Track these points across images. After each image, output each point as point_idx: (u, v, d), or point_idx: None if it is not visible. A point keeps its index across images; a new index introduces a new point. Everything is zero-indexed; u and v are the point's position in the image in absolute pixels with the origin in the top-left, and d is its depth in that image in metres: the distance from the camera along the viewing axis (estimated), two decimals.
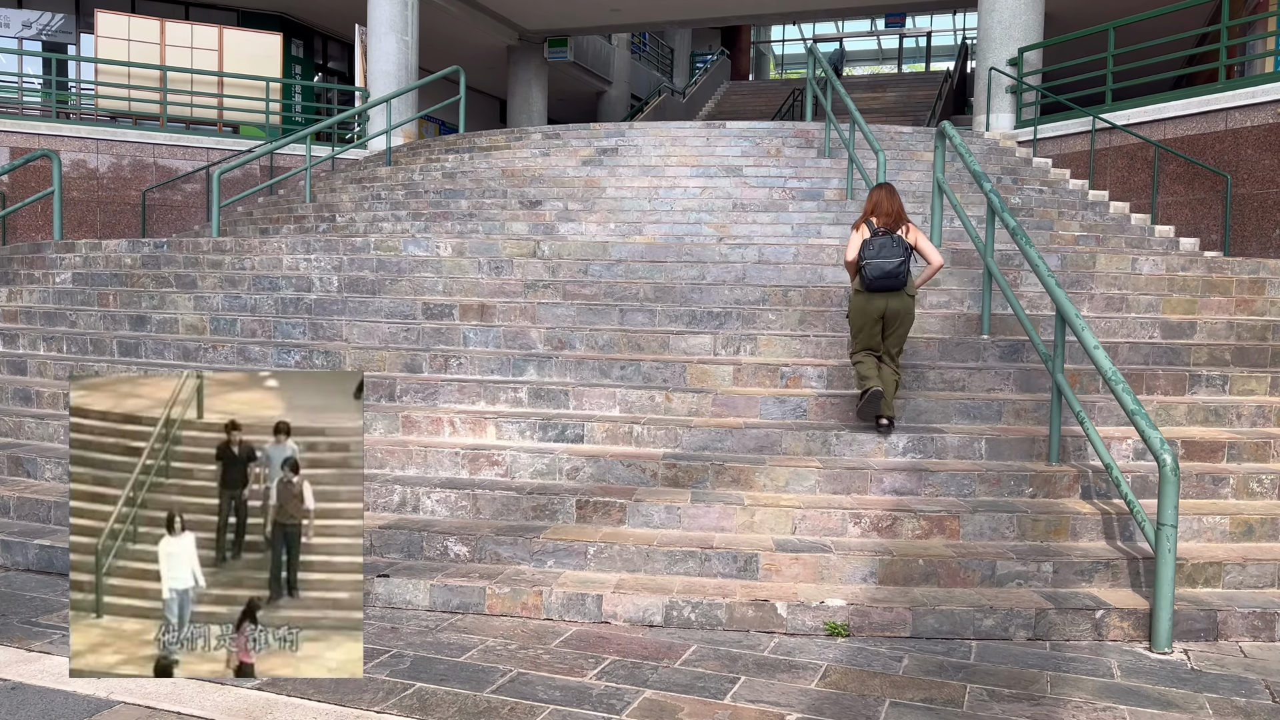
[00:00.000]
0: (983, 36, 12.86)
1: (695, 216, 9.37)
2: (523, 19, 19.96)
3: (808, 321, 6.38)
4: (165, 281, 7.73)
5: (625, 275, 7.00)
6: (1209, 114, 9.88)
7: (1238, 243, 9.56)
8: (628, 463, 5.10)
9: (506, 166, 11.36)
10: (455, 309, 6.69)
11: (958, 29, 35.79)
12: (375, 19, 16.12)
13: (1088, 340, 4.74)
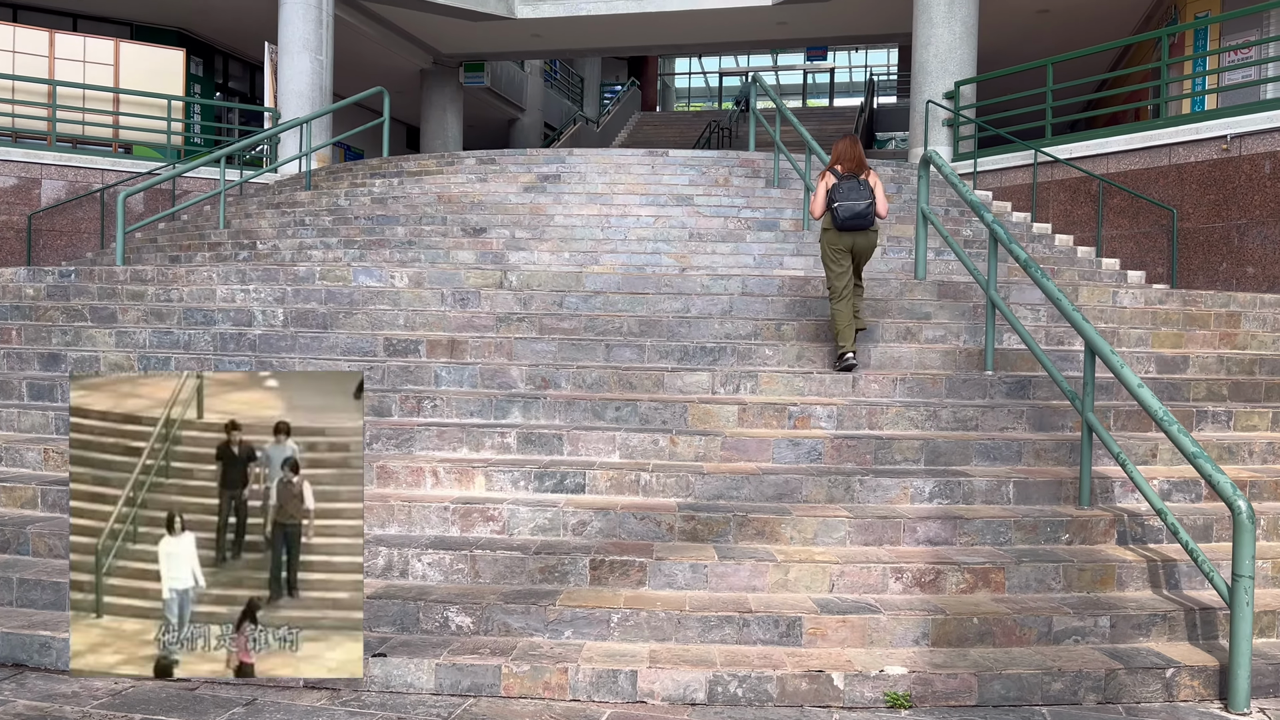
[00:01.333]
0: (918, 70, 12.92)
1: (653, 246, 8.98)
2: (439, 42, 19.36)
3: (806, 357, 6.02)
4: (78, 315, 6.88)
5: (604, 308, 6.53)
6: (1152, 149, 10.03)
7: (1184, 276, 9.69)
8: (641, 515, 4.61)
9: (442, 192, 10.77)
10: (421, 345, 6.09)
11: (864, 65, 36.67)
12: (287, 37, 15.30)
13: (1129, 378, 4.50)
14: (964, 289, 6.95)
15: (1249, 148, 9.17)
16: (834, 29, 17.68)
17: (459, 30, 18.33)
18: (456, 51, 20.01)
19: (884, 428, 5.47)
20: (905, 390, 5.77)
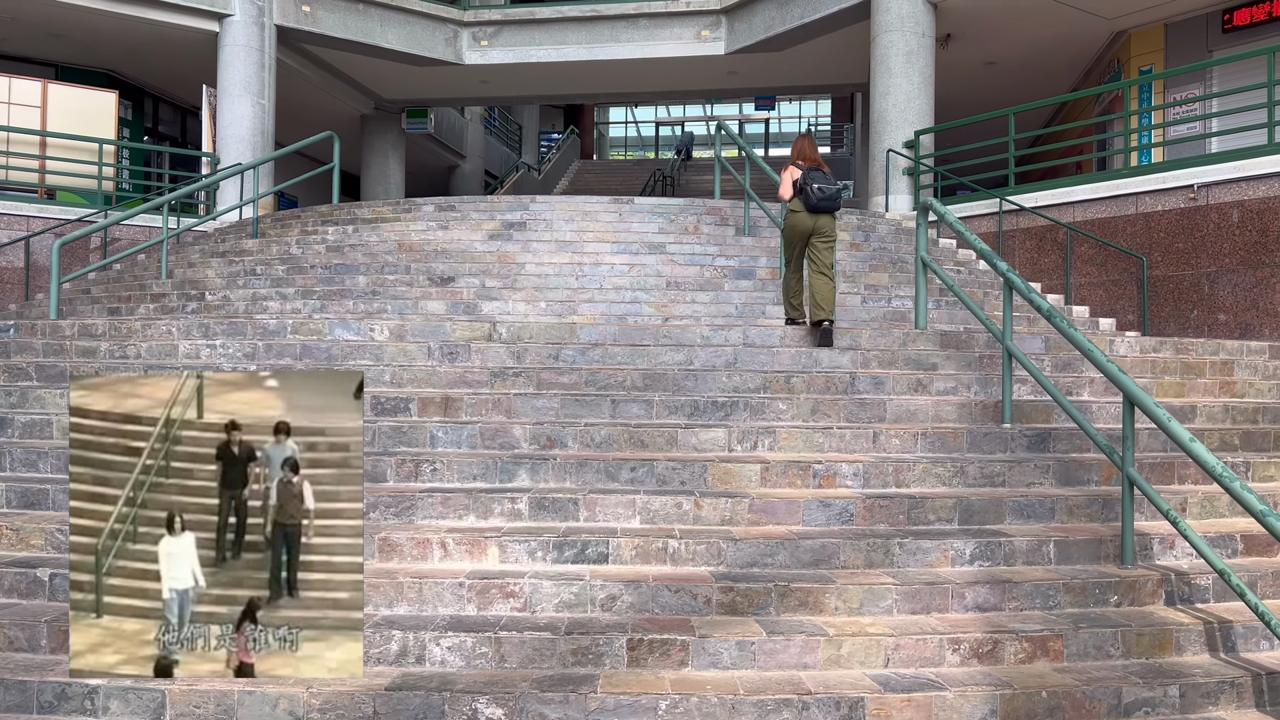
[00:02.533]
0: (877, 119, 12.99)
1: (631, 295, 8.71)
2: (382, 88, 18.99)
3: (821, 411, 5.76)
4: (22, 374, 6.29)
5: (604, 360, 6.19)
6: (1119, 198, 10.16)
7: (1156, 324, 9.76)
8: (674, 588, 4.25)
9: (402, 240, 10.35)
10: (412, 403, 5.67)
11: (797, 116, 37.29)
12: (228, 80, 14.79)
13: (1179, 433, 4.33)
14: (966, 339, 6.80)
15: (1216, 197, 9.33)
16: (785, 79, 17.82)
17: (403, 76, 17.99)
18: (399, 97, 19.65)
19: (912, 485, 5.22)
20: (927, 445, 5.54)
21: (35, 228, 13.22)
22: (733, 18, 16.18)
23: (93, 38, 15.35)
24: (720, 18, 16.34)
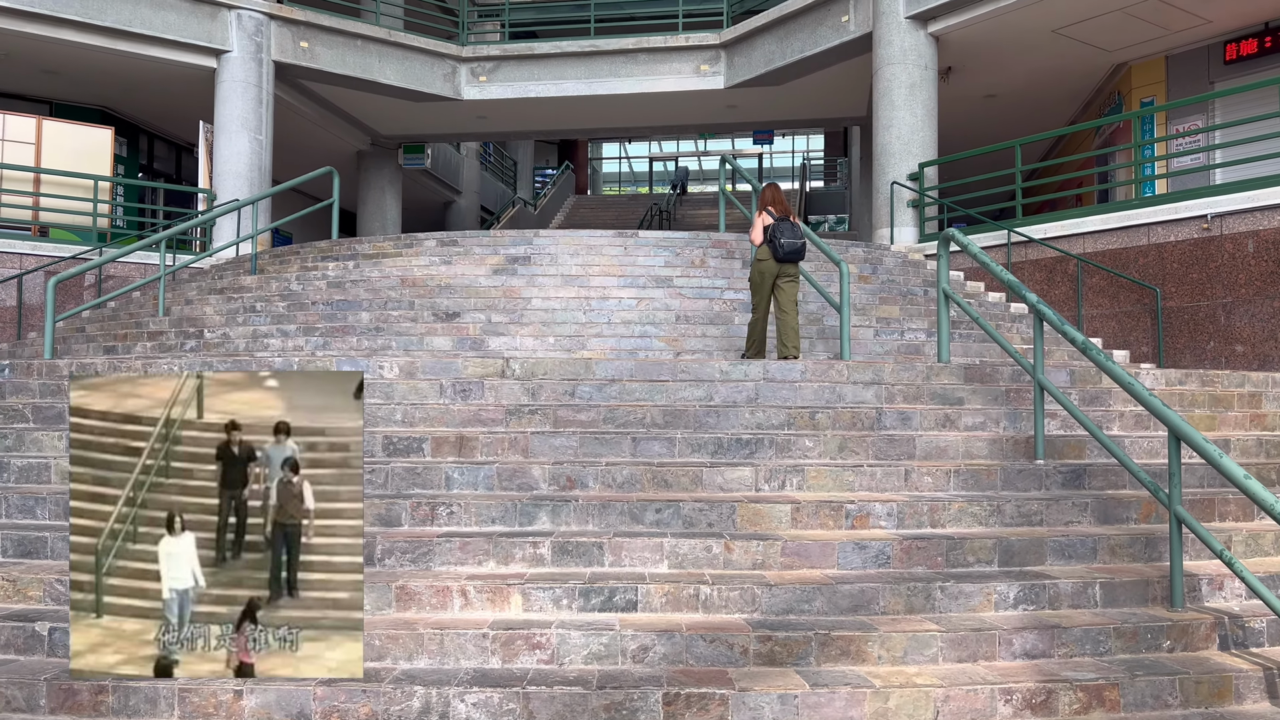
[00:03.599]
0: (880, 152, 12.93)
1: (640, 329, 8.55)
2: (379, 124, 18.92)
3: (849, 449, 5.57)
4: (18, 415, 6.07)
5: (621, 397, 6.01)
6: (1130, 229, 10.06)
7: (1171, 355, 9.63)
8: (709, 637, 4.03)
9: (405, 275, 10.19)
10: (426, 443, 5.47)
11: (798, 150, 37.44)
12: (225, 116, 14.69)
13: (1233, 470, 4.16)
14: (990, 372, 6.64)
15: (1230, 227, 9.24)
16: (784, 113, 17.82)
17: (401, 111, 17.93)
18: (397, 133, 19.58)
19: (948, 525, 5.03)
20: (960, 483, 5.36)
21: (28, 265, 13.02)
22: (732, 52, 16.19)
23: (89, 74, 15.26)
24: (720, 52, 16.35)
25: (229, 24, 14.51)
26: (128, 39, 13.92)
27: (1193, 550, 5.01)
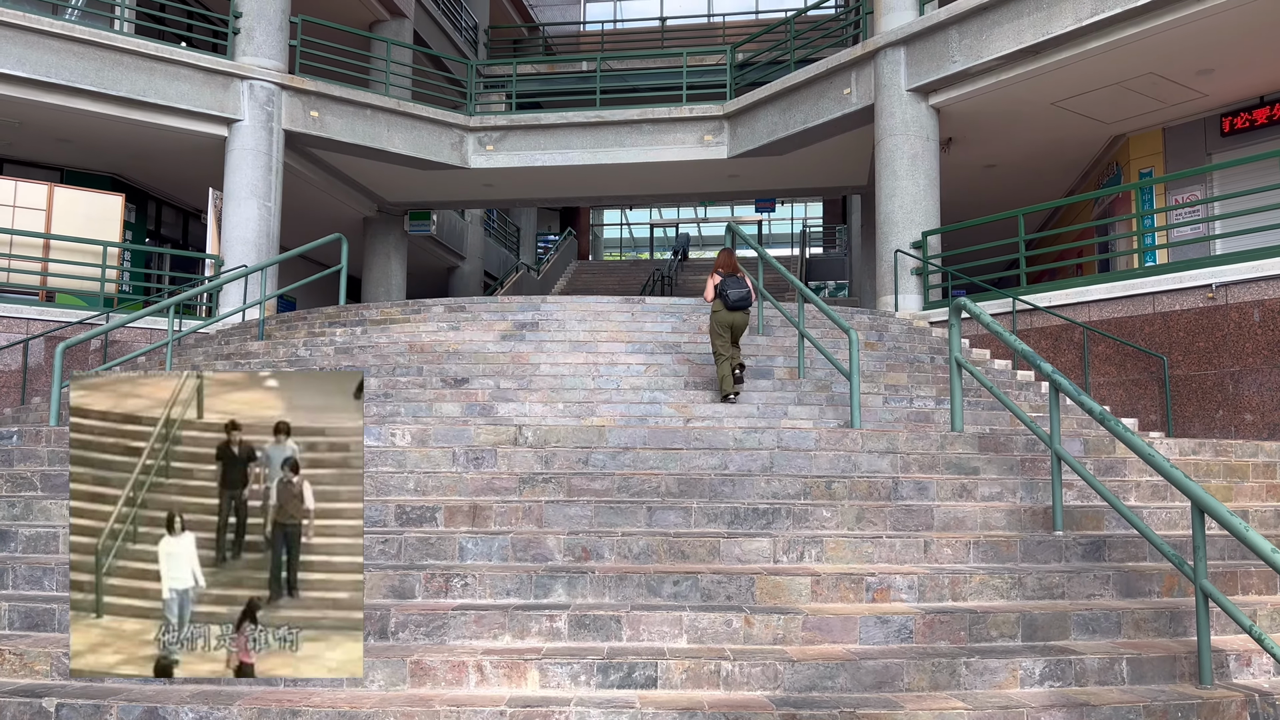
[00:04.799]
0: (884, 220, 13.06)
1: (649, 395, 8.53)
2: (386, 191, 19.13)
3: (866, 519, 5.52)
4: (26, 483, 6.02)
5: (635, 465, 5.97)
6: (1135, 297, 10.12)
7: (1181, 424, 9.61)
8: (733, 716, 3.94)
9: (413, 341, 10.20)
10: (439, 512, 5.41)
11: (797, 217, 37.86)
12: (235, 183, 14.85)
13: (1259, 544, 4.12)
14: (1004, 441, 6.62)
15: (1235, 296, 9.29)
16: (786, 182, 18.04)
17: (408, 179, 18.15)
18: (403, 200, 19.80)
19: (969, 598, 4.95)
20: (980, 555, 5.29)
21: (35, 330, 13.03)
22: (735, 123, 16.45)
23: (101, 142, 15.45)
24: (723, 123, 16.61)
25: (241, 94, 14.76)
26: (141, 108, 14.13)
27: (1217, 624, 4.94)
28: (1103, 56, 11.18)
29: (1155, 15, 10.43)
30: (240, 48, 14.82)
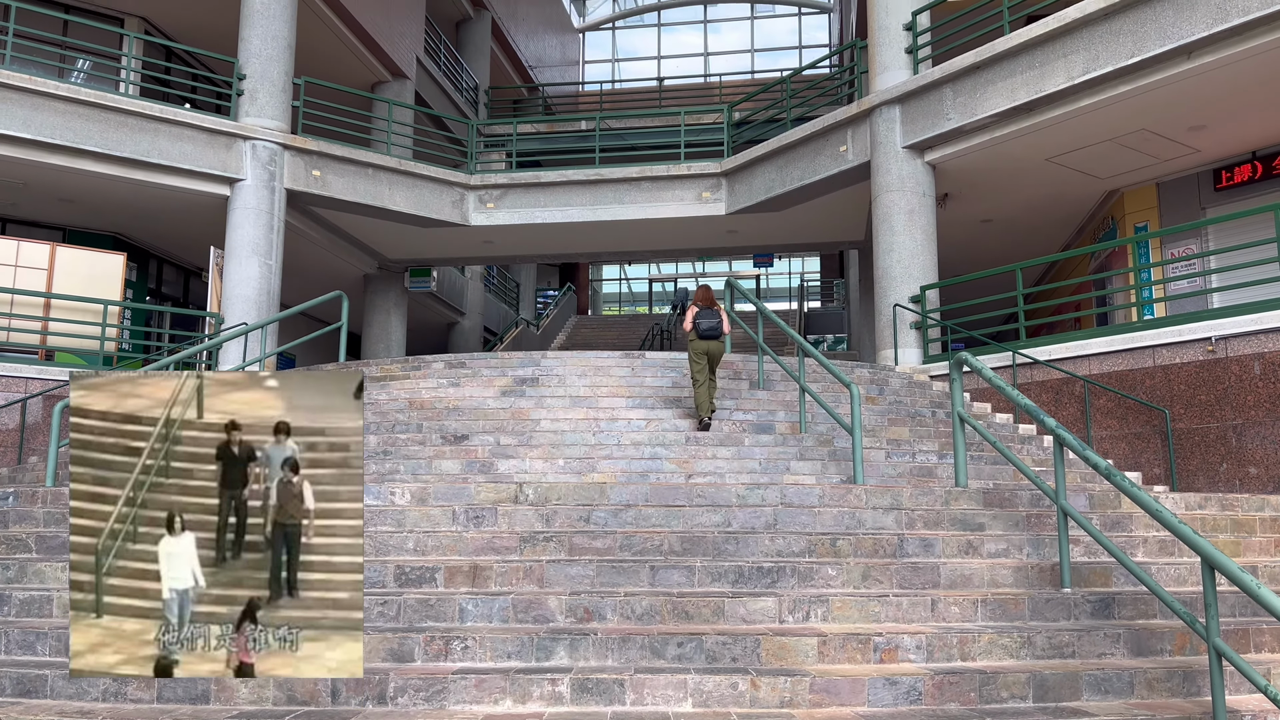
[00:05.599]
0: (882, 275, 13.13)
1: (650, 451, 8.48)
2: (386, 248, 19.25)
3: (872, 577, 5.45)
4: (20, 545, 5.94)
5: (637, 523, 5.91)
6: (1135, 351, 10.13)
7: (1185, 478, 9.55)
8: None
9: (413, 398, 10.17)
10: (439, 573, 5.35)
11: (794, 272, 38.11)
12: (236, 241, 14.93)
13: (1273, 602, 4.06)
14: (1008, 496, 6.57)
15: (1235, 349, 9.30)
16: (783, 237, 18.17)
17: (409, 236, 18.27)
18: (404, 257, 19.91)
19: (978, 658, 4.87)
20: (988, 613, 5.22)
21: (33, 389, 13.00)
22: (733, 180, 16.62)
23: (103, 202, 15.58)
24: (721, 180, 16.78)
25: (244, 154, 14.92)
26: (144, 169, 14.26)
27: (1231, 684, 4.84)
28: (1095, 113, 11.33)
29: (1145, 74, 10.59)
30: (244, 109, 15.01)
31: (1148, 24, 10.37)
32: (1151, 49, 10.31)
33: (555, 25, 34.69)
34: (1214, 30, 9.79)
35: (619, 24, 41.72)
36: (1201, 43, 9.99)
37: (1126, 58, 10.53)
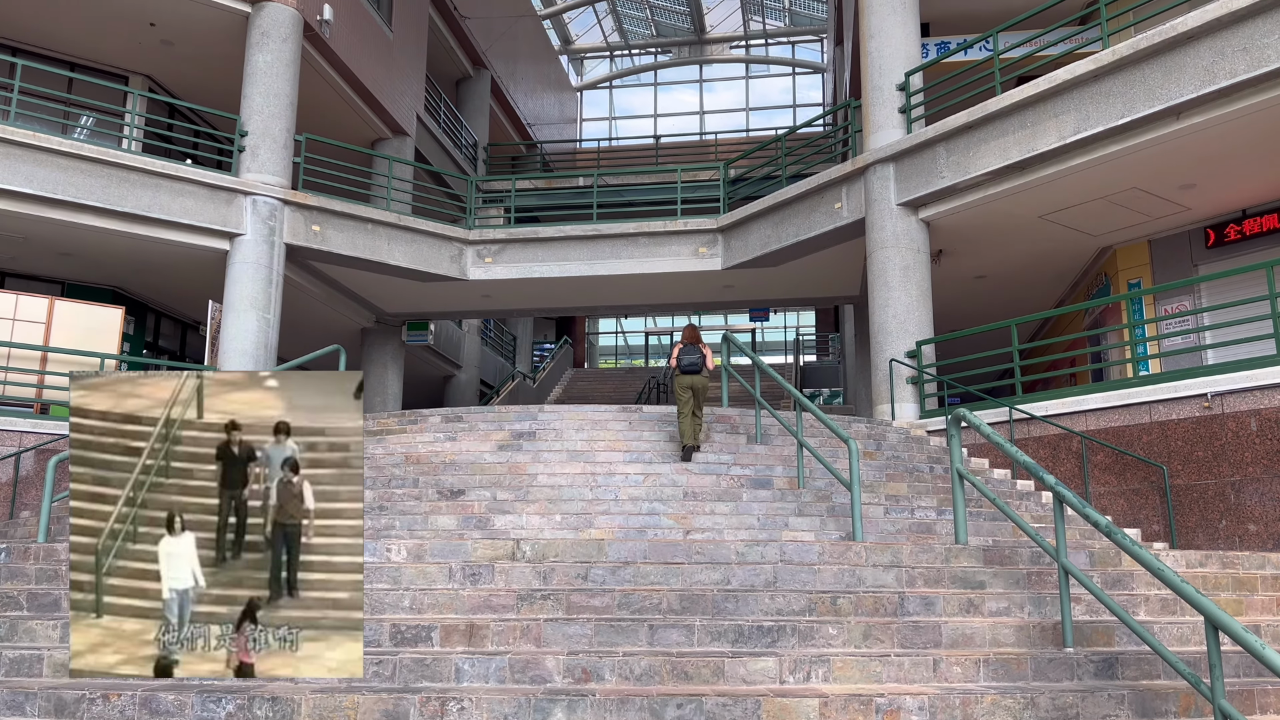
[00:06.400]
0: (878, 330, 13.19)
1: (648, 506, 8.45)
2: (384, 302, 19.33)
3: (874, 636, 5.40)
4: (11, 602, 5.88)
5: (635, 580, 5.86)
6: (1132, 407, 10.15)
7: (1184, 534, 9.52)
8: None
9: (409, 452, 10.14)
10: (435, 632, 5.29)
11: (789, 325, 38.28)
12: (235, 295, 14.99)
13: (1277, 662, 4.02)
14: (1009, 553, 6.53)
15: (1231, 405, 9.32)
16: (779, 292, 18.28)
17: (407, 290, 18.36)
18: (402, 311, 19.98)
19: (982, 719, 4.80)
20: (990, 673, 5.16)
21: (27, 442, 12.94)
22: (729, 235, 16.77)
23: (102, 256, 15.66)
24: (717, 236, 16.93)
25: (244, 209, 15.03)
26: (146, 223, 14.35)
27: None
28: (1087, 172, 11.49)
29: (1135, 134, 10.76)
30: (245, 164, 15.17)
31: (1136, 86, 10.56)
32: (1141, 110, 10.49)
33: (554, 84, 35.25)
34: (1202, 92, 9.97)
35: (616, 83, 42.44)
36: (1190, 104, 10.17)
37: (1116, 118, 10.71)
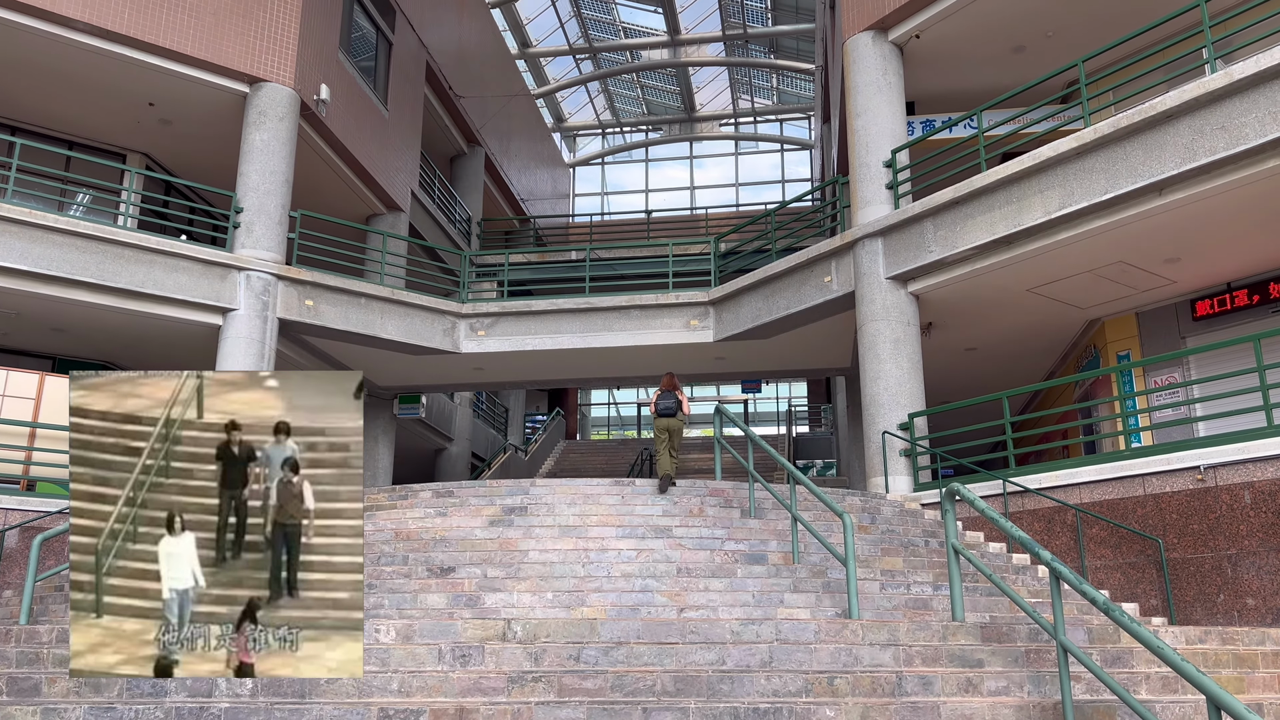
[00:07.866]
0: (870, 403, 13.21)
1: (641, 583, 8.34)
2: (376, 375, 19.32)
3: (871, 717, 5.29)
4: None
5: (629, 661, 5.75)
6: (1126, 479, 10.13)
7: (1182, 609, 9.42)
8: None
9: (399, 528, 10.03)
10: (424, 715, 5.17)
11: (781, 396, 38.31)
12: (227, 369, 14.95)
13: None
14: (1006, 630, 6.44)
15: (1225, 478, 9.31)
16: (770, 364, 18.35)
17: (399, 364, 18.37)
18: (393, 384, 19.97)
19: None
20: None
21: (12, 520, 12.77)
22: (720, 308, 16.88)
23: (94, 331, 15.67)
24: (709, 308, 17.05)
25: (238, 284, 15.10)
26: (138, 299, 14.39)
27: None
28: (1073, 246, 11.65)
29: (1119, 209, 10.94)
30: (239, 240, 15.28)
31: (1119, 163, 10.78)
32: (1124, 186, 10.69)
33: (547, 160, 35.79)
34: (1183, 169, 10.17)
35: (608, 159, 43.15)
36: (1172, 180, 10.37)
37: (1100, 194, 10.90)
